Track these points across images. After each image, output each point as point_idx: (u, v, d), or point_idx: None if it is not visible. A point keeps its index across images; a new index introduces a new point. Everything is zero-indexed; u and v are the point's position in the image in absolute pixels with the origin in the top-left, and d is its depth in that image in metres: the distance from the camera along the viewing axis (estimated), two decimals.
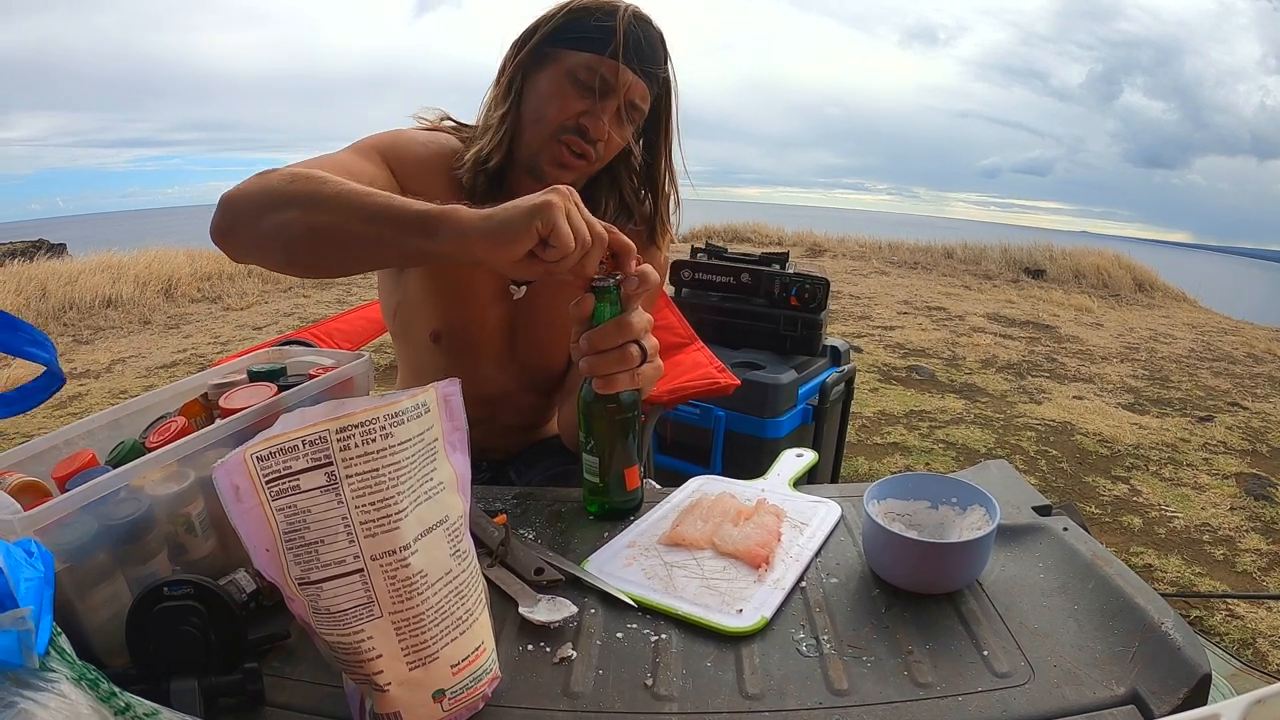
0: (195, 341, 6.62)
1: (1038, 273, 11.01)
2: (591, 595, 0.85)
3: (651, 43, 1.17)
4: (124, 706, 0.55)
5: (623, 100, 1.16)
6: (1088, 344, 6.97)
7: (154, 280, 8.47)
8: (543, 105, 1.18)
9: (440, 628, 0.64)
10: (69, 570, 0.68)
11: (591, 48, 1.14)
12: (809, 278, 2.84)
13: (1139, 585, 0.80)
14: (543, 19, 1.18)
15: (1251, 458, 4.15)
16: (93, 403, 4.89)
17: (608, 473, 1.01)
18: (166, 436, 0.80)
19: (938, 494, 0.95)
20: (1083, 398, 5.17)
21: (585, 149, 1.18)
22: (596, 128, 1.15)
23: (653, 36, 1.17)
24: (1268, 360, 6.79)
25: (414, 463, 0.63)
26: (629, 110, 1.18)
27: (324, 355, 1.05)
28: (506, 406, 1.41)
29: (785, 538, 0.95)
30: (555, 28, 1.17)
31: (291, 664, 0.74)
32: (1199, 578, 2.90)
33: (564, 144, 1.17)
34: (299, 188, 0.93)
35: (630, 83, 1.16)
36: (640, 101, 1.19)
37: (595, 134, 1.16)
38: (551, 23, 1.17)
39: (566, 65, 1.16)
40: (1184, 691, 0.67)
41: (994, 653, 0.74)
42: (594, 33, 1.14)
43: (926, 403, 4.90)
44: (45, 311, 7.40)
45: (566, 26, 1.16)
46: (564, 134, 1.17)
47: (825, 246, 13.32)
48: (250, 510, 0.59)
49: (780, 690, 0.70)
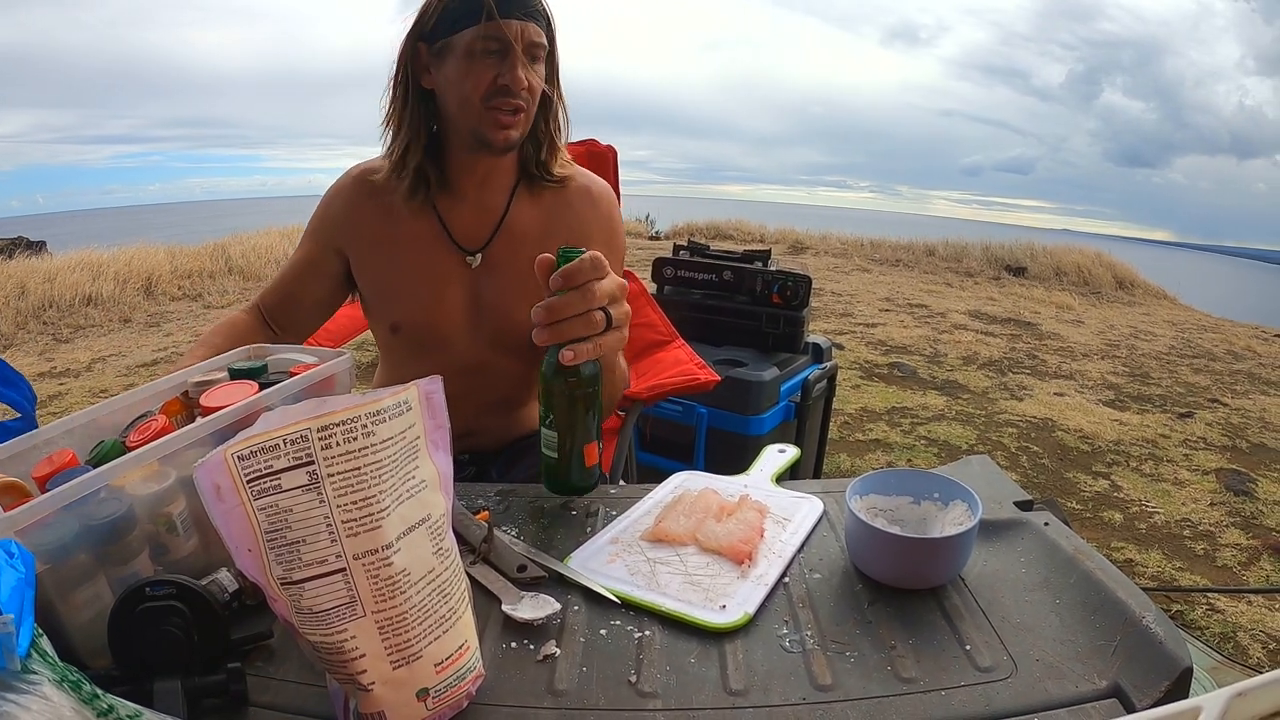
0: (176, 340, 6.56)
1: (1019, 270, 11.07)
2: (575, 592, 0.85)
3: None
4: (107, 708, 0.54)
5: (521, 47, 1.22)
6: (1069, 341, 7.01)
7: (134, 278, 8.40)
8: (459, 88, 1.24)
9: (423, 626, 0.64)
10: (50, 571, 0.67)
11: (471, 21, 1.20)
12: (791, 275, 2.84)
13: (1120, 580, 0.80)
14: (417, 24, 1.26)
15: (1231, 453, 4.19)
16: (72, 402, 4.84)
17: (566, 449, 1.00)
18: (147, 435, 0.79)
19: (920, 489, 0.95)
20: (1064, 394, 5.20)
21: (515, 104, 1.24)
22: (514, 80, 1.22)
23: None
24: (1247, 357, 6.86)
25: (396, 461, 0.63)
26: (533, 50, 1.25)
27: (305, 353, 1.04)
28: (482, 377, 1.43)
29: (768, 533, 0.95)
30: (432, 25, 1.23)
31: (275, 664, 0.74)
32: (1180, 572, 2.93)
33: (495, 109, 1.24)
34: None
35: (520, 29, 1.21)
36: (537, 38, 1.24)
37: (516, 86, 1.23)
38: (429, 21, 1.24)
39: (461, 47, 1.22)
40: (1165, 685, 0.67)
41: (977, 647, 0.75)
42: (465, 7, 1.20)
43: (908, 399, 4.92)
44: (24, 309, 7.33)
45: (441, 19, 1.22)
46: (491, 100, 1.23)
47: (807, 244, 13.35)
48: (232, 510, 0.58)
49: (764, 686, 0.70)
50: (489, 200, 1.38)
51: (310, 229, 1.42)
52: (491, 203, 1.38)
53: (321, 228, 1.40)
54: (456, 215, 1.37)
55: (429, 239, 1.36)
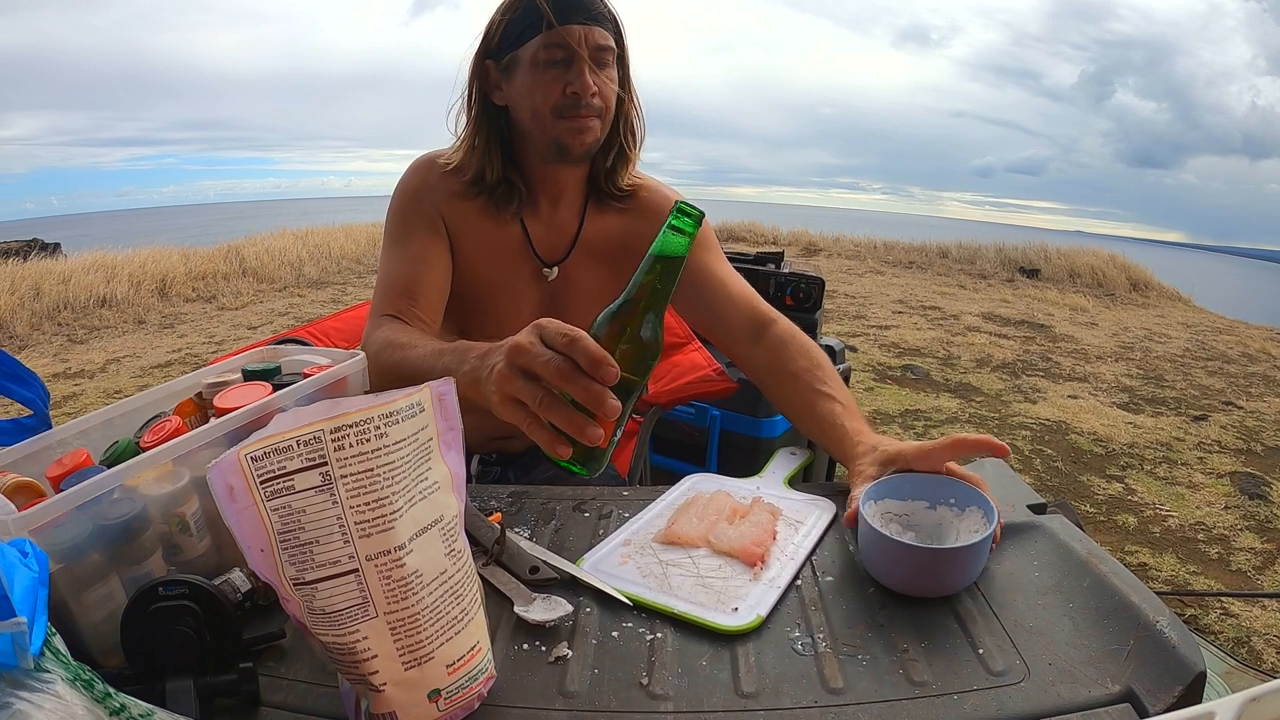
0: (190, 341, 6.60)
1: (1033, 272, 11.03)
2: (587, 594, 0.85)
3: None
4: (119, 707, 0.54)
5: (588, 52, 1.20)
6: (1082, 343, 6.98)
7: (148, 280, 8.46)
8: (530, 101, 1.22)
9: (435, 628, 0.64)
10: (64, 570, 0.68)
11: (534, 32, 1.19)
12: (804, 277, 2.84)
13: (1134, 584, 0.80)
14: (483, 44, 1.25)
15: (1246, 457, 4.16)
16: (87, 402, 4.88)
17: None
18: (161, 436, 0.80)
19: (935, 494, 0.94)
20: (1077, 397, 5.18)
21: (586, 111, 1.22)
22: (583, 87, 1.20)
23: None
24: (1262, 359, 6.81)
25: (409, 463, 0.63)
26: (601, 55, 1.22)
27: (319, 354, 1.05)
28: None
29: (780, 536, 0.95)
30: (498, 41, 1.23)
31: (286, 664, 0.74)
32: (1193, 576, 2.91)
33: (567, 118, 1.21)
34: (387, 378, 1.04)
35: (583, 34, 1.19)
36: (603, 41, 1.22)
37: (585, 93, 1.20)
38: (494, 39, 1.24)
39: (527, 60, 1.20)
40: (1179, 690, 0.67)
41: (989, 651, 0.74)
42: (526, 19, 1.19)
43: (921, 402, 4.90)
44: (39, 311, 7.38)
45: (505, 35, 1.22)
46: (563, 111, 1.21)
47: (820, 246, 13.34)
48: (245, 510, 0.58)
49: (775, 689, 0.70)
50: (563, 215, 1.36)
51: (407, 224, 1.32)
52: (565, 217, 1.37)
53: (425, 216, 1.31)
54: (536, 228, 1.35)
55: (513, 249, 1.34)
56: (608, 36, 1.22)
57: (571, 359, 0.73)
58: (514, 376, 0.77)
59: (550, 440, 0.75)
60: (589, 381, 0.73)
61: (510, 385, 0.77)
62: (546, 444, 0.75)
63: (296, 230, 11.38)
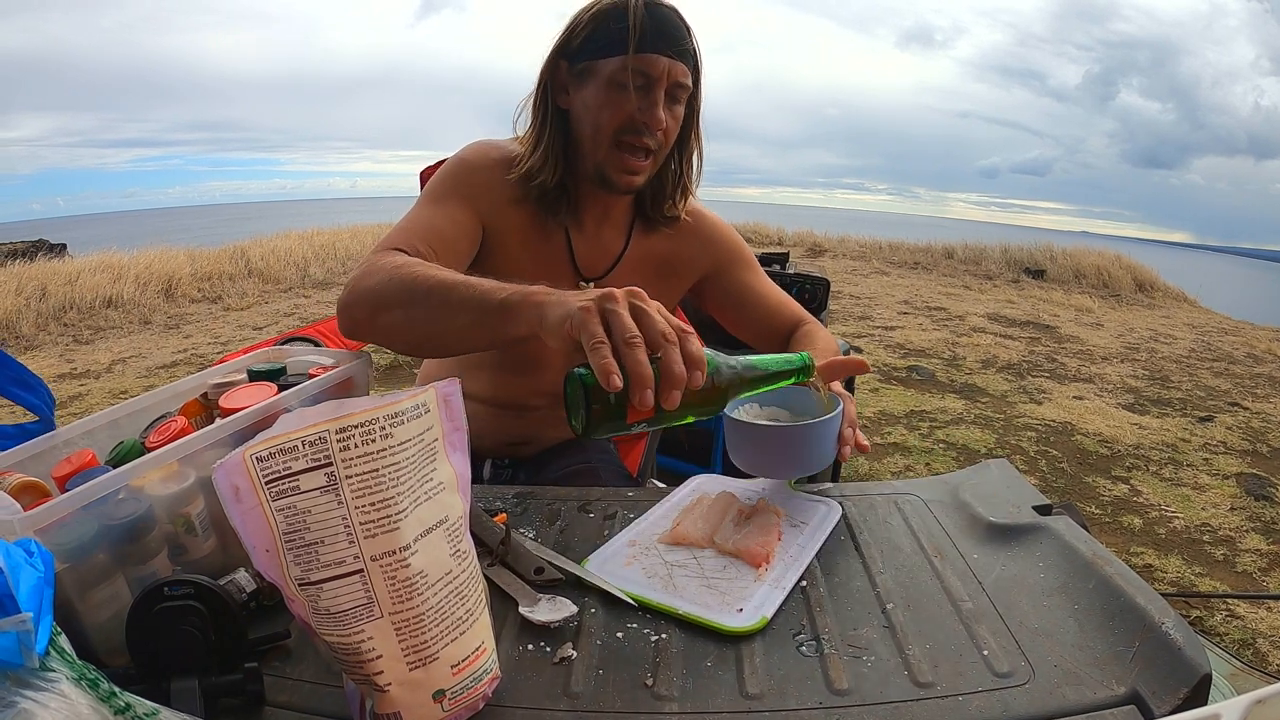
0: (195, 341, 6.62)
1: (1038, 273, 11.02)
2: (592, 595, 0.85)
3: (672, 22, 1.19)
4: (124, 706, 0.54)
5: (666, 85, 1.19)
6: (1088, 344, 6.97)
7: (154, 280, 8.48)
8: (595, 115, 1.20)
9: (440, 628, 0.64)
10: (69, 570, 0.68)
11: (619, 50, 1.16)
12: (809, 278, 2.84)
13: (1139, 585, 0.79)
14: (562, 41, 1.22)
15: (1252, 458, 4.15)
16: (93, 403, 4.89)
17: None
18: (166, 436, 0.80)
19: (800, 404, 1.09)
20: (1083, 398, 5.17)
21: (646, 143, 1.21)
22: (654, 119, 1.19)
23: (671, 16, 1.19)
24: (1268, 360, 6.80)
25: (414, 463, 0.63)
26: (676, 91, 1.21)
27: (324, 354, 1.05)
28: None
29: (785, 537, 0.95)
30: (580, 45, 1.20)
31: (292, 664, 0.74)
32: (1199, 578, 2.90)
33: (625, 146, 1.20)
34: (396, 288, 1.02)
35: (667, 67, 1.18)
36: (683, 79, 1.21)
37: (654, 125, 1.19)
38: (575, 41, 1.20)
39: (604, 74, 1.18)
40: (1184, 691, 0.67)
41: (994, 652, 0.74)
42: (616, 35, 1.16)
43: (927, 403, 4.90)
44: (45, 312, 7.41)
45: (588, 41, 1.19)
46: (624, 135, 1.20)
47: (825, 246, 13.34)
48: (250, 511, 0.59)
49: (780, 690, 0.70)
50: (608, 233, 1.36)
51: (449, 189, 1.27)
52: (610, 235, 1.36)
53: (470, 195, 1.27)
54: (580, 242, 1.34)
55: (554, 260, 1.33)
56: (688, 74, 1.21)
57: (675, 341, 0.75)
58: (622, 305, 0.76)
59: (607, 368, 0.72)
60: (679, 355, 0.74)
61: (614, 304, 0.76)
62: (603, 368, 0.72)
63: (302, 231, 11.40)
